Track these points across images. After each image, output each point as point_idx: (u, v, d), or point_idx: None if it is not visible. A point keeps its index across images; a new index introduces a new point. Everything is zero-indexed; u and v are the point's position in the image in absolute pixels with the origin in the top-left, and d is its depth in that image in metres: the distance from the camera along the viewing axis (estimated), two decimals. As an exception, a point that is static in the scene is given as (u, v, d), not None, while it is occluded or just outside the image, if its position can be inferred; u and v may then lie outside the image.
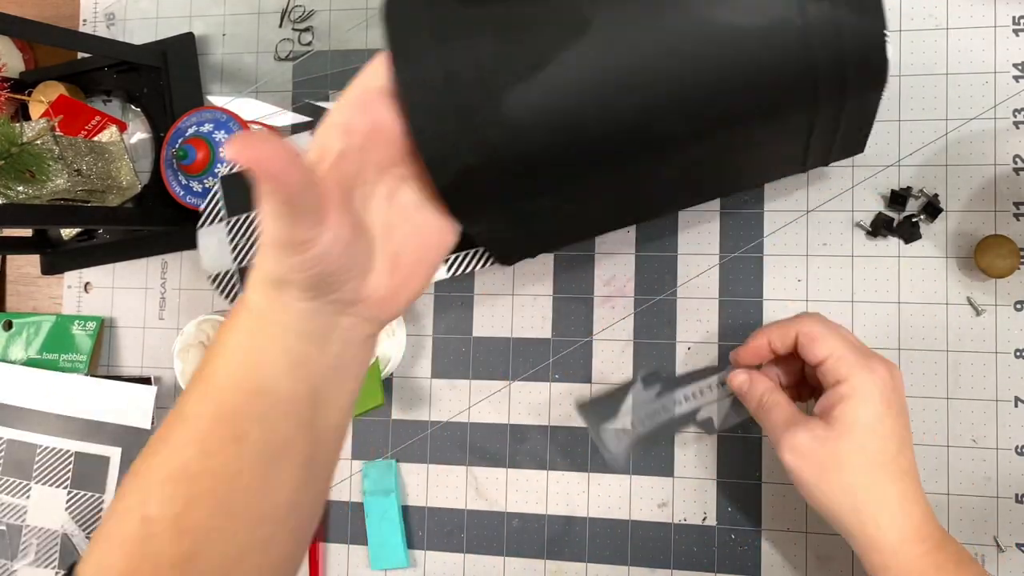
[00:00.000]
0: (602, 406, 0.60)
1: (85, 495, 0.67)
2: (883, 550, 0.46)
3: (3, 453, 0.69)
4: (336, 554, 0.64)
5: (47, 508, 0.67)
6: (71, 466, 0.67)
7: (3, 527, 0.68)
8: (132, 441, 0.67)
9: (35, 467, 0.68)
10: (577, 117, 0.39)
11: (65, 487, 0.67)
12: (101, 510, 0.67)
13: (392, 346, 0.62)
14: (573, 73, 0.38)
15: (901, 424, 0.47)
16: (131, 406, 0.67)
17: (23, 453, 0.68)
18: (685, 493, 0.60)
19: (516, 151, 0.39)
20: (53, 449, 0.68)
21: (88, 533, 0.67)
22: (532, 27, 0.38)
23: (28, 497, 0.68)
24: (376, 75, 0.40)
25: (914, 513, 0.46)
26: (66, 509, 0.67)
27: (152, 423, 0.66)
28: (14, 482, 0.68)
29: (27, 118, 0.69)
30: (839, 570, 0.57)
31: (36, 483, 0.68)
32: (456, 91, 0.38)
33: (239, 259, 0.59)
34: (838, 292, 0.58)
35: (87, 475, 0.67)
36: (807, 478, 0.47)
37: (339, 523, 0.65)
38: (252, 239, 0.59)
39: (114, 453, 0.67)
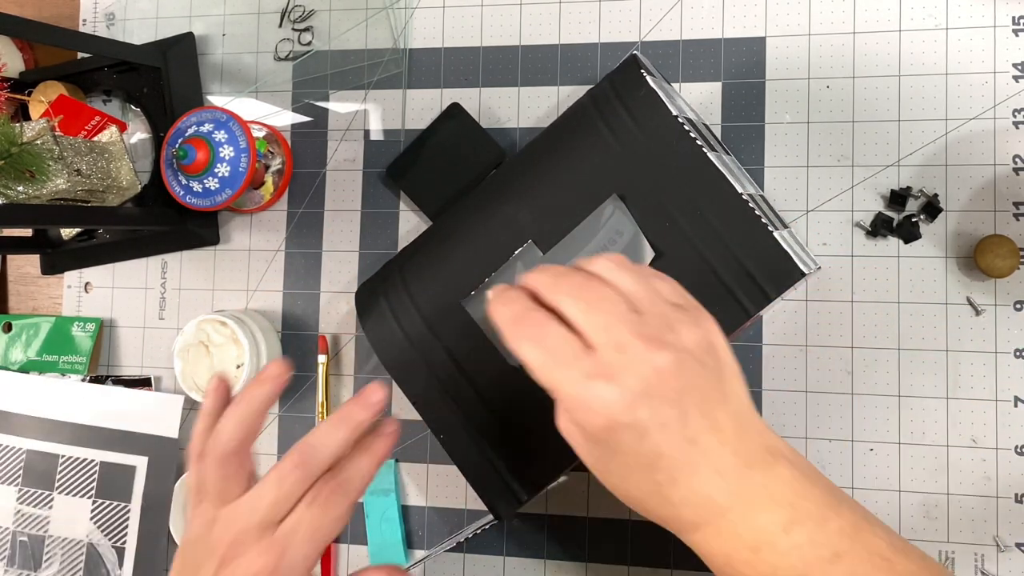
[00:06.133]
0: None
1: (111, 504, 0.67)
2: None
3: (23, 464, 0.68)
4: (336, 554, 0.64)
5: (71, 518, 0.67)
6: (96, 476, 0.67)
7: (24, 538, 0.68)
8: (159, 450, 0.66)
9: (58, 477, 0.68)
10: None
11: (90, 497, 0.67)
12: (127, 519, 0.66)
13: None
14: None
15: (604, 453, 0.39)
16: (158, 415, 0.67)
17: (44, 464, 0.67)
18: (685, 493, 0.59)
19: None
20: (77, 459, 0.67)
21: (114, 543, 0.66)
22: None
23: (51, 508, 0.67)
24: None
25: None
26: (91, 519, 0.67)
27: (179, 432, 0.66)
28: (36, 492, 0.68)
29: (27, 118, 0.69)
30: (839, 570, 0.57)
31: (59, 493, 0.67)
32: None
33: None
34: (838, 292, 0.58)
35: (113, 484, 0.67)
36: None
37: (339, 523, 0.65)
38: None
39: (140, 462, 0.67)
